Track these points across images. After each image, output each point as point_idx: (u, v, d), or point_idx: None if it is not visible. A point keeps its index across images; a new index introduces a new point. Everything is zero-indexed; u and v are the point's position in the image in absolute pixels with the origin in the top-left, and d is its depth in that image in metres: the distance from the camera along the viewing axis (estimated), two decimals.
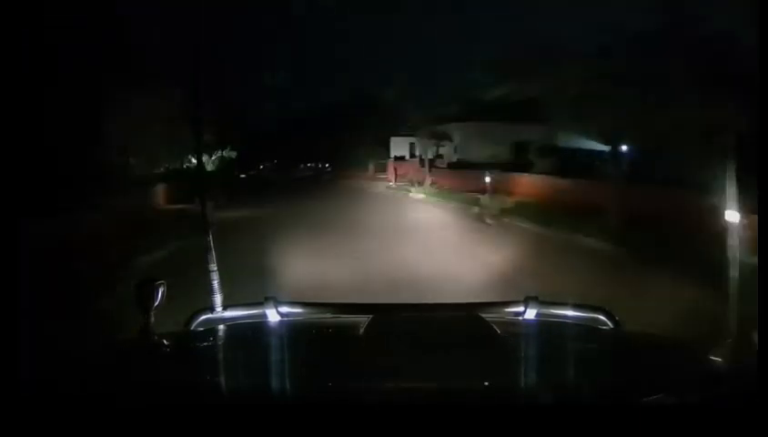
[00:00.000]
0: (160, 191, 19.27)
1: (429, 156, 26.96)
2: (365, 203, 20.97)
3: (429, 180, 25.00)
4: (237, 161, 54.11)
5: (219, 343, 1.64)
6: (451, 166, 30.50)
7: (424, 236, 12.22)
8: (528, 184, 19.10)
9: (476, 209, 17.13)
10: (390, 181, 30.58)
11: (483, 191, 18.59)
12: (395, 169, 32.75)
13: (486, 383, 1.16)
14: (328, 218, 15.25)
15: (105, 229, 10.30)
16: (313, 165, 52.25)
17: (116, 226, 10.65)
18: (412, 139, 36.57)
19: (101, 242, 9.17)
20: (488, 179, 17.83)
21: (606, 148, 13.41)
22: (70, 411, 0.97)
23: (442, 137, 28.45)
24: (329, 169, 46.00)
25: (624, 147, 13.64)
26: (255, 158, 63.59)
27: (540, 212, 14.87)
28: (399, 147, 39.08)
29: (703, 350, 1.52)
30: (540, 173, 19.72)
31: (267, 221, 14.18)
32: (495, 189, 17.97)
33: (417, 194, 23.54)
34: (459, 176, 26.06)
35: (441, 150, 33.54)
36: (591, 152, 18.01)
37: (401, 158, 37.67)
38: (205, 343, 1.66)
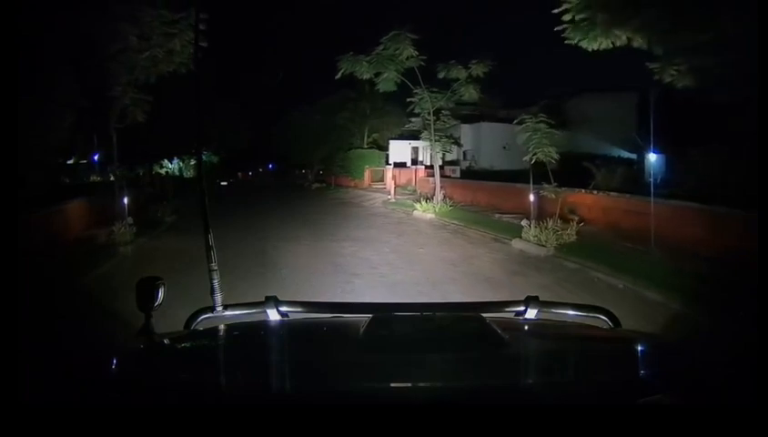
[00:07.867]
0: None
1: (439, 162, 20.82)
2: (350, 227, 15.22)
3: (440, 193, 19.01)
4: (221, 166, 49.24)
5: (220, 343, 1.62)
6: (466, 175, 24.80)
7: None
8: (591, 205, 13.35)
9: (517, 242, 11.52)
10: (389, 193, 24.54)
11: (524, 212, 13.01)
12: (394, 178, 26.89)
13: (486, 383, 1.14)
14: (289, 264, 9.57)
15: None
16: (303, 171, 46.90)
17: None
18: (415, 143, 30.79)
19: None
20: (532, 197, 12.22)
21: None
22: (71, 411, 0.96)
23: (448, 137, 21.08)
24: (321, 175, 40.55)
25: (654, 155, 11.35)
26: (243, 163, 58.23)
27: (622, 252, 9.26)
28: (399, 151, 33.40)
29: (703, 350, 1.49)
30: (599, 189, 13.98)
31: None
32: (544, 211, 12.37)
33: (424, 212, 17.66)
34: (478, 189, 20.30)
35: (449, 156, 27.62)
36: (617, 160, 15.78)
37: (402, 165, 31.94)
38: (205, 343, 1.64)
